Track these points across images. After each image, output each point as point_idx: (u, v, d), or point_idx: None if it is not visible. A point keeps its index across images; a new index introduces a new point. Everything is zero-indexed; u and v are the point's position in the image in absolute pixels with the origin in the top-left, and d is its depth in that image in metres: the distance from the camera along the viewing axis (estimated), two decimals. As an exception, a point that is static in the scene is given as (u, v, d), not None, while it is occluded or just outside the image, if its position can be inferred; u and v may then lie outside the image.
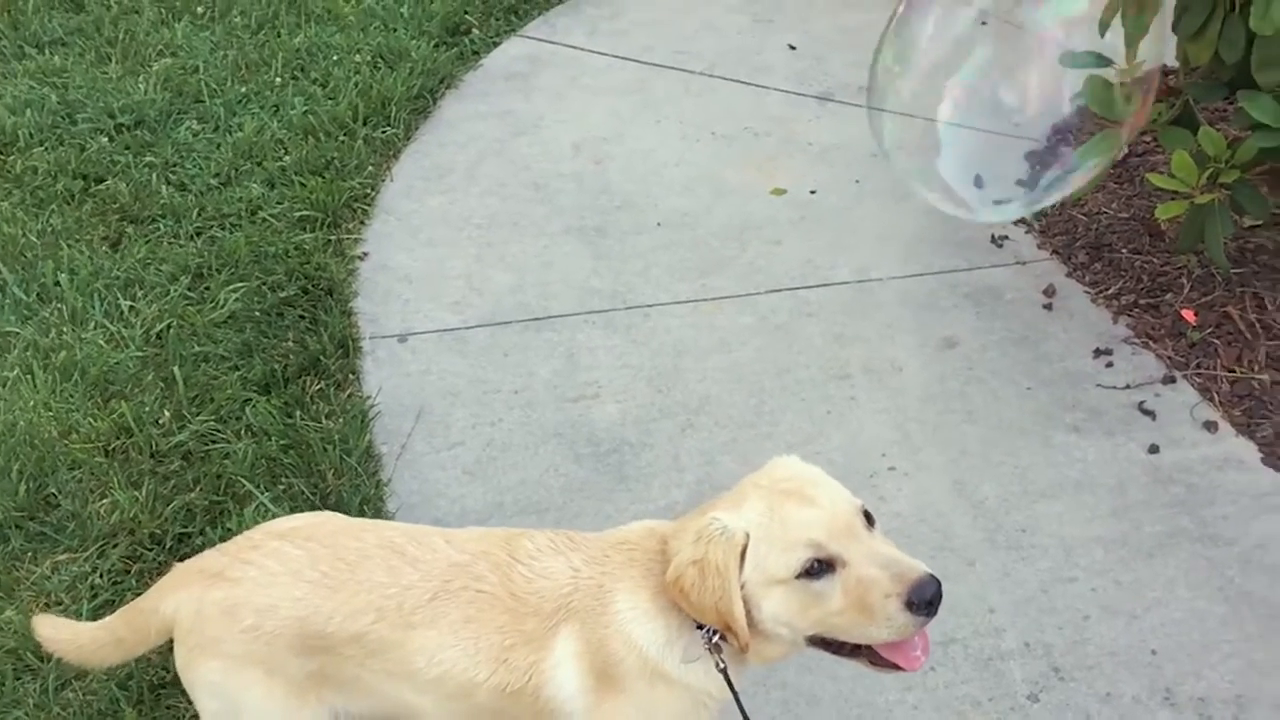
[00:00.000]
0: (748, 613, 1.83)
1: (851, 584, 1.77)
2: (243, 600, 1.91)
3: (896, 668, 1.84)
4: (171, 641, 2.56)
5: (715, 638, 1.88)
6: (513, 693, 1.94)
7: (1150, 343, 3.55)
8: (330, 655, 1.93)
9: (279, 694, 1.94)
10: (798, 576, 1.79)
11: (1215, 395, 3.35)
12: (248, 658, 1.91)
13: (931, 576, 1.76)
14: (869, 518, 1.87)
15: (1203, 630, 2.74)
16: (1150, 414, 3.31)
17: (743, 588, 1.82)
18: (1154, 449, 3.20)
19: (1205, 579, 2.84)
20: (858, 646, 1.84)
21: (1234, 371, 3.40)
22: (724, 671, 1.88)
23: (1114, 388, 3.41)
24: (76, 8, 5.29)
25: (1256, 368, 3.40)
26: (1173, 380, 3.42)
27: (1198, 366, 3.45)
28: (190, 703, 2.47)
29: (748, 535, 1.82)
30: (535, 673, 1.93)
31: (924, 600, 1.74)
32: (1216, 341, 3.50)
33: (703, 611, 1.84)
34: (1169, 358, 3.49)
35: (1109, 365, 3.49)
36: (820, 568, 1.78)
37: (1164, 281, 3.75)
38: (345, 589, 1.92)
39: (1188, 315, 3.59)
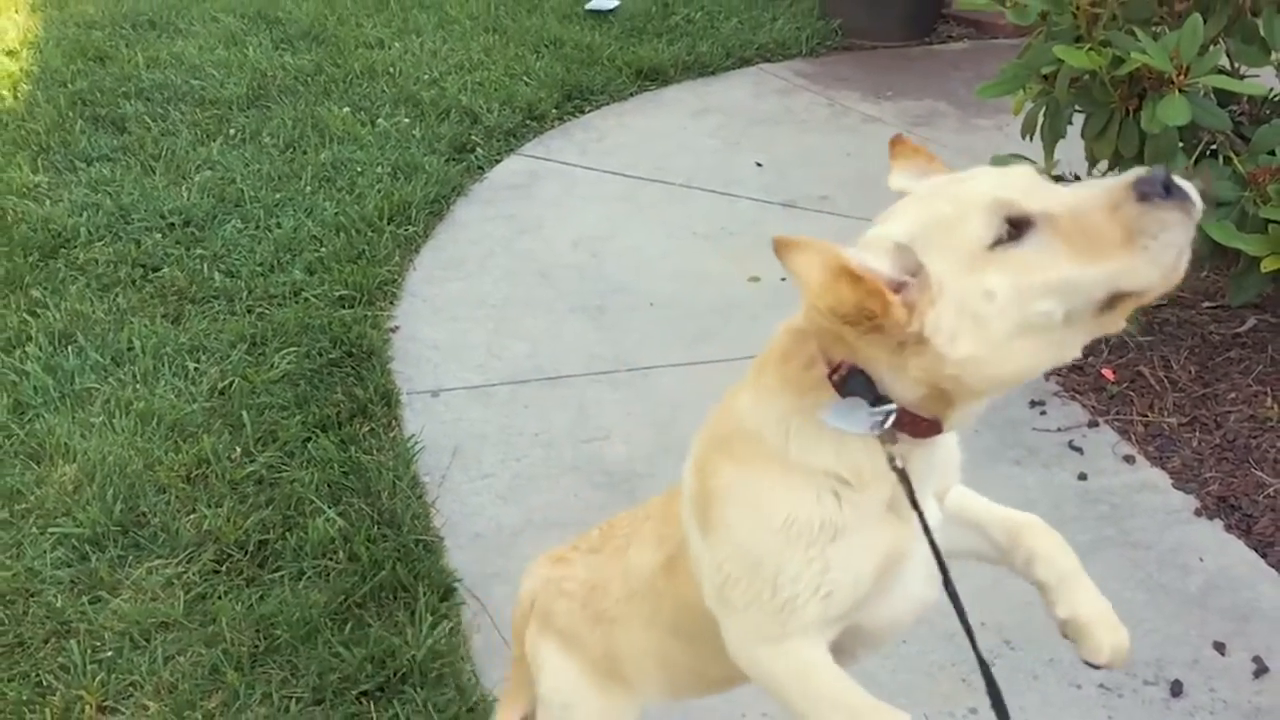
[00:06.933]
0: (928, 317, 1.46)
1: (1065, 225, 1.40)
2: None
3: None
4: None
5: (888, 420, 1.54)
6: (675, 567, 1.92)
7: (1076, 395, 4.16)
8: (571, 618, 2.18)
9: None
10: (991, 247, 1.42)
11: (1132, 435, 3.95)
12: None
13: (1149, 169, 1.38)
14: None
15: (1128, 612, 3.17)
16: (1079, 450, 3.90)
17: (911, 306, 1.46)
18: (1083, 476, 3.77)
19: (1129, 574, 3.38)
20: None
21: (1147, 417, 4.01)
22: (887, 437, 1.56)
23: (1047, 430, 4.00)
24: (119, 130, 5.90)
25: (1166, 414, 4.02)
26: (1096, 424, 4.02)
27: (1117, 413, 4.05)
28: (280, 667, 2.94)
29: (895, 243, 1.49)
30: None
31: (1160, 183, 1.35)
32: (1132, 394, 4.12)
33: (852, 313, 1.45)
34: (1093, 407, 4.10)
35: (1043, 413, 4.08)
36: (1015, 232, 1.42)
37: (1086, 348, 4.37)
38: (563, 564, 2.24)
39: (1107, 374, 4.23)
